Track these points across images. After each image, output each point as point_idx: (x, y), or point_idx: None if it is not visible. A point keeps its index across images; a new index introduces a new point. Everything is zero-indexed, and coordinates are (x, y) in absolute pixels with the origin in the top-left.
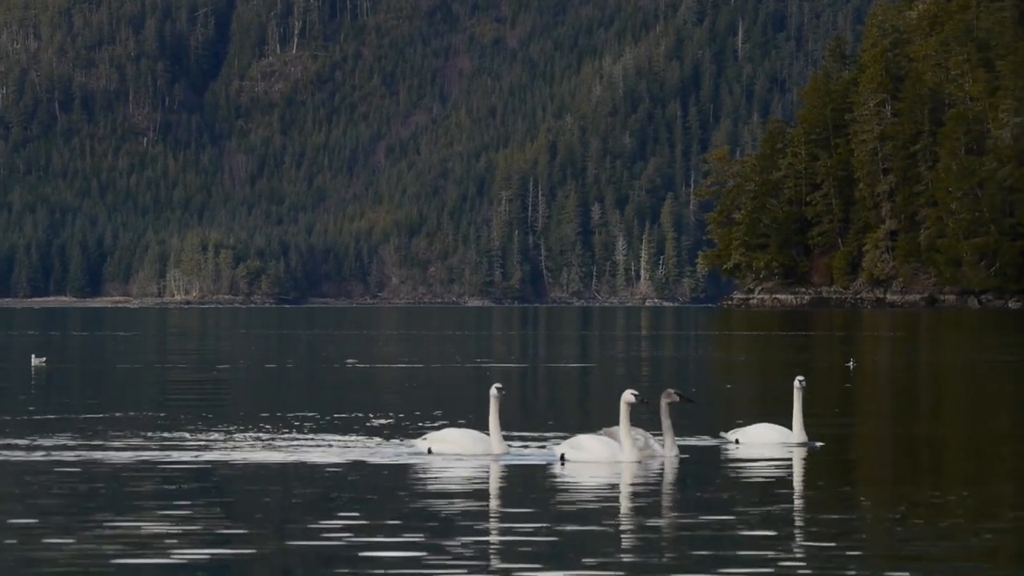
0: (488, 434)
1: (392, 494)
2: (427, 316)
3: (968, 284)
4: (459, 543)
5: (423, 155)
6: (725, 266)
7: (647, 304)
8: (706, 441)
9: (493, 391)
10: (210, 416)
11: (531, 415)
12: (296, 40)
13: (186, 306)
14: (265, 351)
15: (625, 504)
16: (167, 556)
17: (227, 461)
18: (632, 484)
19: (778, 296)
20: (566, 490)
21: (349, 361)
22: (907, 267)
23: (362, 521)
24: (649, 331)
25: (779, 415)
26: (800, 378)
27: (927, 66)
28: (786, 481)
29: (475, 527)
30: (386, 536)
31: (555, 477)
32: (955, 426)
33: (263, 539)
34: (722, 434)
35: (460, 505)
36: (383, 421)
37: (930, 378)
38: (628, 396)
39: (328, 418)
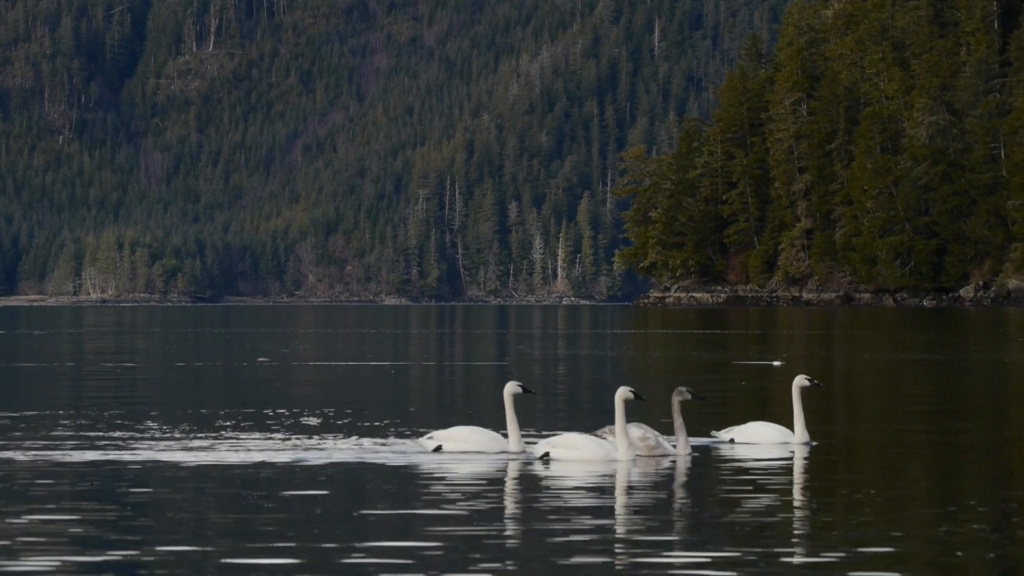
0: (495, 432)
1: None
2: (344, 314)
3: (883, 282)
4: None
5: (340, 153)
6: (641, 264)
7: (564, 302)
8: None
9: (508, 389)
10: (124, 414)
11: (451, 413)
12: (213, 38)
13: (102, 304)
14: (182, 349)
15: (620, 505)
16: (76, 556)
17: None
18: (629, 484)
19: (694, 294)
20: (576, 490)
21: (261, 359)
22: (822, 265)
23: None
24: (566, 329)
25: (707, 414)
26: (806, 376)
27: (843, 65)
28: (761, 480)
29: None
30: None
31: (568, 476)
32: (875, 425)
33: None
34: (713, 433)
35: (479, 504)
36: (315, 420)
37: (851, 376)
38: (625, 392)
39: (248, 416)
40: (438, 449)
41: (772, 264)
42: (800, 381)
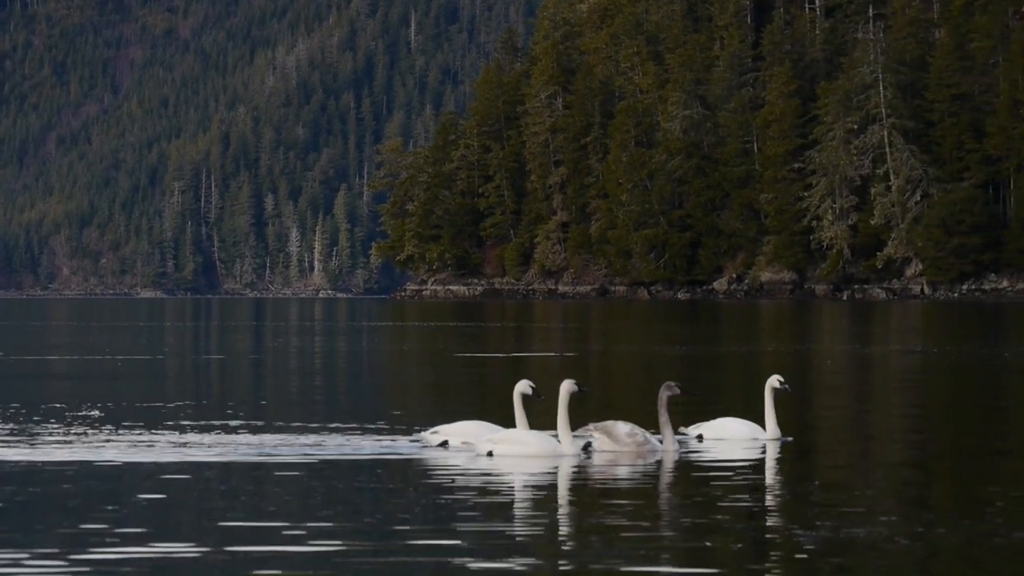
0: (500, 428)
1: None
2: (98, 307)
3: (638, 275)
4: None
5: (94, 145)
6: (398, 257)
7: (320, 295)
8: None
9: (519, 388)
10: None
11: (220, 406)
12: None
13: None
14: None
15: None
16: None
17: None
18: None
19: (451, 287)
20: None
21: None
22: (578, 258)
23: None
24: (323, 322)
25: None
26: (778, 378)
27: (598, 59)
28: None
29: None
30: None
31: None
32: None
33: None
34: (681, 429)
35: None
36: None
37: (612, 369)
38: (569, 386)
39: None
40: (444, 444)
41: (528, 257)
42: (772, 383)
